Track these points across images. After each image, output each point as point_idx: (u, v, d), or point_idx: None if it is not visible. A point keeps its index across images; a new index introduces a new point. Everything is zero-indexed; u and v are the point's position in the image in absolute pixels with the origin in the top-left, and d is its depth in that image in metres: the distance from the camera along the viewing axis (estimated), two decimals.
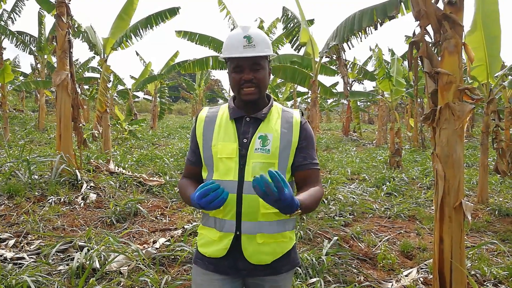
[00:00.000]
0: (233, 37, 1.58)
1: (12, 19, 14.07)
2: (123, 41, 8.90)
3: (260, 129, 1.59)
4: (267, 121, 1.62)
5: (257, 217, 1.55)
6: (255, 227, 1.55)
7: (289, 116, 1.65)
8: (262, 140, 1.57)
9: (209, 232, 1.63)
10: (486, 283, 3.46)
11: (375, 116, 33.89)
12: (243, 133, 1.60)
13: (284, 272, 1.64)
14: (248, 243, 1.56)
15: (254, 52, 1.55)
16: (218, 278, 1.61)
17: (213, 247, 1.61)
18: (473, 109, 2.49)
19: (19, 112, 21.52)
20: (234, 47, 1.56)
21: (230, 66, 1.59)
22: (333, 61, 11.37)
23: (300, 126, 1.63)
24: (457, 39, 2.47)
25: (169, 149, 11.99)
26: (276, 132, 1.59)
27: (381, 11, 5.18)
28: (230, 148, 1.57)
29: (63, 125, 6.34)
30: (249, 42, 1.55)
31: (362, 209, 5.86)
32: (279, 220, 1.58)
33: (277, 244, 1.60)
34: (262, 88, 1.59)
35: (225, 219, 1.57)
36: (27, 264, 3.34)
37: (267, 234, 1.57)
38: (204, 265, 1.63)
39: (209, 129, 1.64)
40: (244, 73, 1.56)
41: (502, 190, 7.41)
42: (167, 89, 22.10)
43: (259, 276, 1.61)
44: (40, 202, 5.06)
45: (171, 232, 4.48)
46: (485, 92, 6.31)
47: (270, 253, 1.58)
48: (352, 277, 3.52)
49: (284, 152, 1.58)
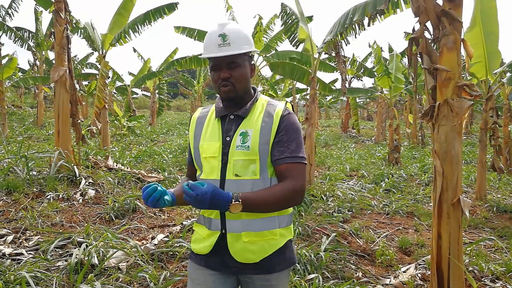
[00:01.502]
0: (209, 36, 1.57)
1: (10, 15, 14.00)
2: (122, 37, 8.87)
3: (241, 126, 1.57)
4: (249, 117, 1.59)
5: (240, 215, 1.51)
6: (239, 225, 1.54)
7: (272, 109, 1.60)
8: (243, 136, 1.54)
9: (200, 230, 1.66)
10: (484, 279, 3.47)
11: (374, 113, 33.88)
12: (226, 131, 1.59)
13: (278, 271, 1.59)
14: (234, 241, 1.55)
15: (229, 50, 1.52)
16: (211, 273, 1.62)
17: (201, 244, 1.64)
18: (472, 105, 2.49)
19: (18, 108, 21.45)
20: (209, 46, 1.56)
21: (209, 65, 1.60)
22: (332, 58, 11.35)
23: (280, 117, 1.56)
24: (456, 36, 2.47)
25: (168, 145, 11.99)
26: (256, 127, 1.55)
27: (372, 5, 5.26)
28: (214, 147, 1.57)
29: (62, 121, 6.33)
30: (224, 40, 1.53)
31: (360, 205, 5.86)
32: (265, 218, 1.55)
33: (264, 241, 1.56)
34: (239, 86, 1.56)
35: (211, 217, 1.59)
36: (26, 260, 3.34)
37: (253, 232, 1.54)
38: (197, 260, 1.66)
39: (198, 129, 1.67)
40: (221, 71, 1.55)
41: (500, 186, 7.43)
42: (166, 85, 22.03)
43: (248, 274, 1.60)
44: (39, 198, 5.06)
45: (170, 228, 4.49)
46: (484, 89, 6.31)
47: (257, 252, 1.55)
48: (350, 273, 3.53)
49: (265, 147, 1.53)
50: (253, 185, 1.52)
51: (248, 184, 1.52)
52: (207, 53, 1.56)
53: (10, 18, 14.06)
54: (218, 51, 1.53)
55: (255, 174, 1.53)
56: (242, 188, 1.51)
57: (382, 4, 5.04)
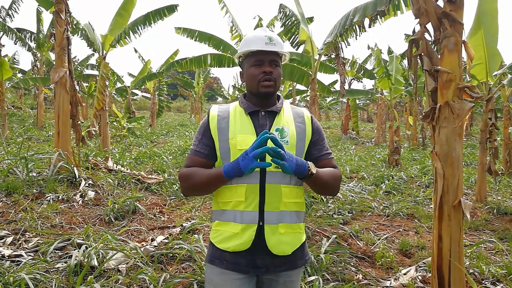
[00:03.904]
0: (256, 35, 1.68)
1: (10, 16, 14.01)
2: (122, 38, 8.87)
3: (276, 122, 1.65)
4: (281, 115, 1.69)
5: (279, 206, 1.59)
6: (277, 216, 1.59)
7: (300, 111, 1.77)
8: (280, 132, 1.63)
9: (228, 227, 1.61)
10: (485, 281, 3.46)
11: (374, 115, 33.89)
12: (261, 126, 1.65)
13: (299, 266, 1.69)
14: (271, 234, 1.58)
15: (275, 48, 1.65)
16: (237, 277, 1.60)
17: (234, 241, 1.59)
18: (473, 107, 2.48)
19: (18, 110, 21.45)
20: (257, 42, 1.65)
21: (250, 61, 1.67)
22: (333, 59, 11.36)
23: (312, 120, 1.75)
24: (457, 37, 2.46)
25: (168, 146, 11.98)
26: (291, 125, 1.67)
27: (372, 6, 5.28)
28: (250, 139, 1.58)
29: (62, 122, 6.33)
30: (271, 40, 1.66)
31: (360, 207, 5.86)
32: (297, 211, 1.66)
33: (294, 235, 1.65)
34: (278, 83, 1.67)
35: (247, 211, 1.58)
36: (25, 262, 3.33)
37: (288, 224, 1.62)
38: (223, 265, 1.62)
39: (223, 123, 1.66)
40: (264, 66, 1.64)
41: (501, 188, 7.42)
42: (166, 86, 22.06)
43: (276, 272, 1.63)
44: (38, 199, 5.05)
45: (170, 230, 4.47)
46: (485, 91, 6.30)
47: (290, 243, 1.63)
48: (350, 275, 3.52)
49: (300, 144, 1.66)
50: (291, 178, 1.62)
51: (287, 176, 1.61)
52: (256, 47, 1.65)
53: (11, 19, 14.07)
54: (266, 46, 1.64)
55: None
56: (282, 180, 1.60)
57: (383, 5, 5.05)
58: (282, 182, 1.59)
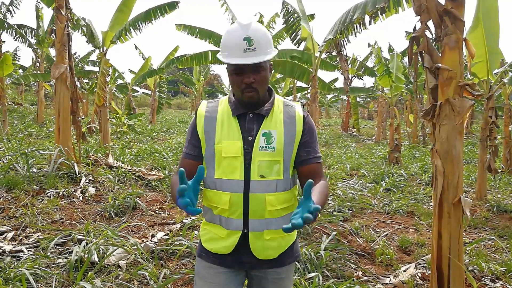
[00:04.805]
0: (232, 38, 1.48)
1: (10, 12, 13.99)
2: (122, 35, 8.86)
3: (263, 126, 1.55)
4: (270, 117, 1.57)
5: (264, 214, 1.54)
6: (262, 224, 1.55)
7: (292, 111, 1.62)
8: (267, 137, 1.54)
9: (215, 229, 1.61)
10: (484, 278, 3.47)
11: (374, 112, 33.87)
12: (248, 131, 1.55)
13: (288, 264, 1.66)
14: (255, 240, 1.56)
15: (256, 57, 1.46)
16: (223, 271, 1.61)
17: (219, 243, 1.59)
18: (473, 105, 2.48)
19: (18, 106, 21.46)
20: (233, 50, 1.47)
21: (230, 67, 1.52)
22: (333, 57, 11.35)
23: (303, 120, 1.61)
24: (458, 35, 2.46)
25: (168, 143, 11.98)
26: (279, 128, 1.56)
27: (372, 3, 5.26)
28: (235, 146, 1.53)
29: (62, 118, 6.32)
30: (250, 45, 1.45)
31: (360, 204, 5.86)
32: (285, 216, 1.59)
33: (282, 238, 1.61)
34: (262, 89, 1.54)
35: (232, 218, 1.55)
36: (26, 257, 3.33)
37: (274, 230, 1.57)
38: (209, 259, 1.63)
39: (210, 125, 1.58)
40: (244, 76, 1.49)
41: (501, 186, 7.42)
42: (166, 83, 22.03)
43: (262, 268, 1.62)
44: (39, 195, 5.06)
45: (170, 226, 4.48)
46: (485, 89, 6.30)
47: (276, 248, 1.60)
48: (350, 272, 3.53)
49: (288, 148, 1.56)
50: (277, 185, 1.55)
51: (273, 184, 1.54)
52: (232, 59, 1.47)
53: (11, 15, 14.05)
54: (244, 56, 1.46)
55: (278, 174, 1.55)
56: (267, 189, 1.53)
57: (382, 2, 5.03)
58: (267, 191, 1.53)
